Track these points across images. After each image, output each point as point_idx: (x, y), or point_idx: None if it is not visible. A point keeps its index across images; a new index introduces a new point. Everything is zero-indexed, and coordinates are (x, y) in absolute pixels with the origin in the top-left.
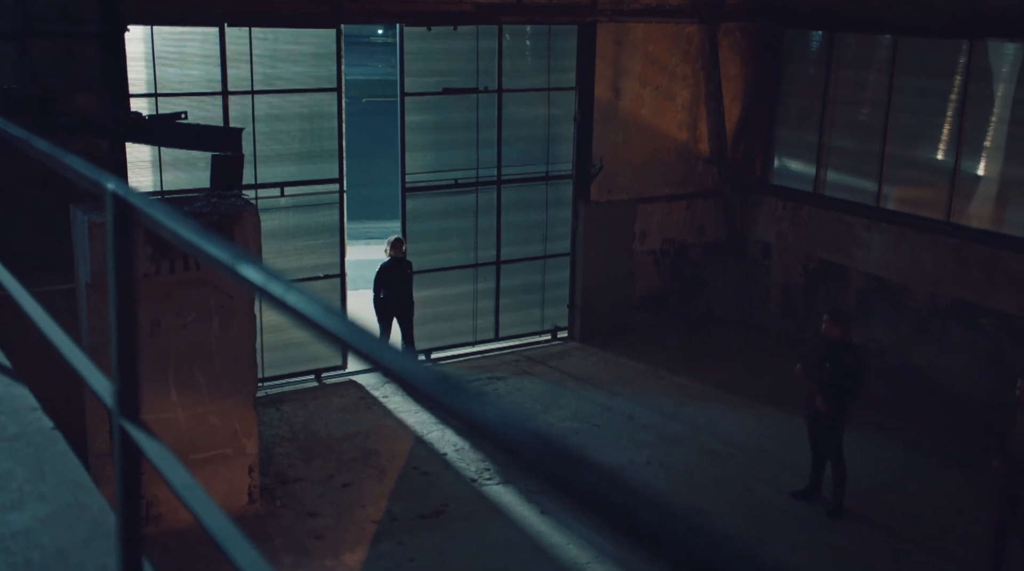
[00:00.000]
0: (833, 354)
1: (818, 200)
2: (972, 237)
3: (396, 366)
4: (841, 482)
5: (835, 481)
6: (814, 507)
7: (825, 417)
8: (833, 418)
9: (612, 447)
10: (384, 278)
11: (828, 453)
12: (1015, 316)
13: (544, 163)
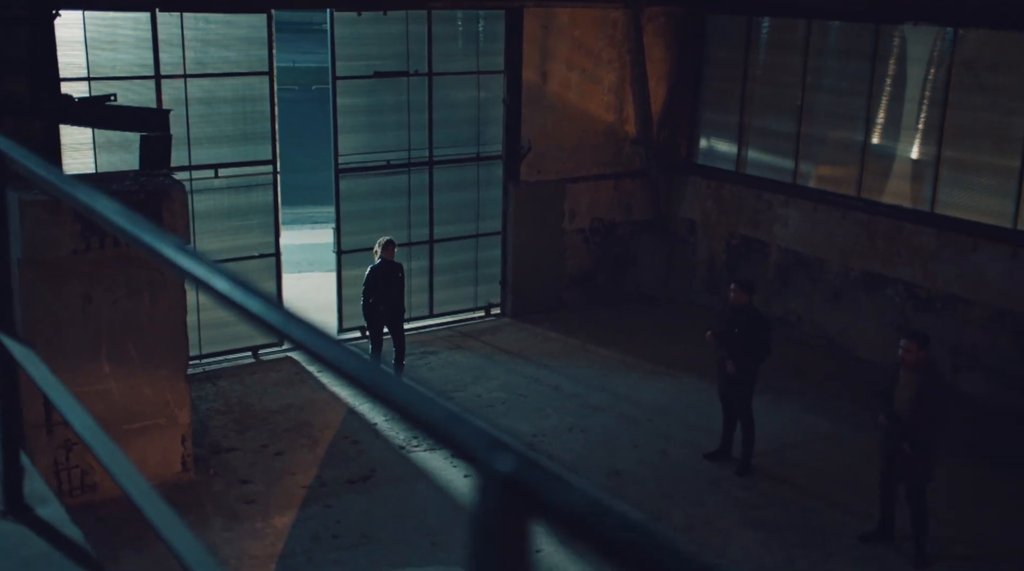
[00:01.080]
0: (740, 320)
1: (739, 178)
2: (880, 211)
3: (305, 339)
4: (750, 442)
5: (744, 441)
6: (724, 466)
7: (735, 380)
8: (742, 381)
9: (537, 415)
10: (375, 283)
11: (738, 414)
12: (918, 285)
13: (475, 144)
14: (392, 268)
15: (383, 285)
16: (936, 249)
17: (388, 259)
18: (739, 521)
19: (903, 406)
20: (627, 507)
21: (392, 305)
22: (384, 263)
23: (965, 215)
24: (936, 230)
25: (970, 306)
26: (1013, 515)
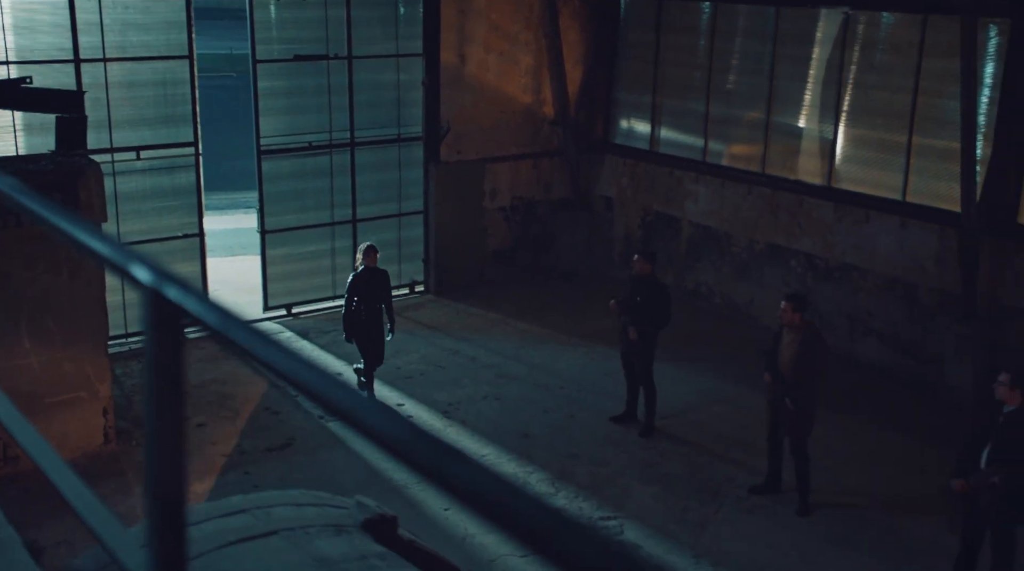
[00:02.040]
0: (642, 290)
1: (653, 157)
2: (782, 187)
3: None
4: (652, 405)
5: (647, 404)
6: (629, 428)
7: (637, 347)
8: (644, 347)
9: (453, 385)
10: (357, 291)
11: (641, 380)
12: (818, 256)
13: (395, 126)
14: (375, 275)
15: (364, 291)
16: (833, 221)
17: (371, 266)
18: (639, 478)
19: (785, 365)
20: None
21: (374, 312)
22: (366, 270)
23: (859, 189)
24: (833, 203)
25: (864, 275)
26: (894, 467)
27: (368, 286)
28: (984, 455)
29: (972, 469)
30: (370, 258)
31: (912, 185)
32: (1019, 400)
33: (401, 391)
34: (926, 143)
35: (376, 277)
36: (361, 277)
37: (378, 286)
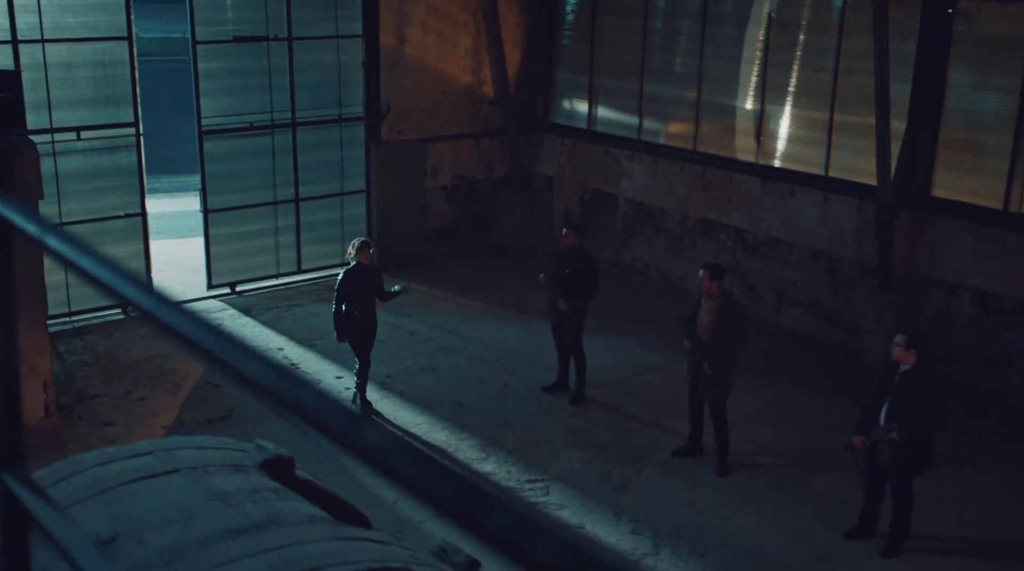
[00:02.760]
0: (571, 261)
1: (590, 136)
2: (713, 163)
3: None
4: (582, 373)
5: (577, 373)
6: (560, 397)
7: (566, 317)
8: (573, 318)
9: (392, 357)
10: (348, 288)
11: (571, 349)
12: (746, 231)
13: (336, 106)
14: (366, 272)
15: (357, 291)
16: (760, 197)
17: (363, 263)
18: (567, 443)
19: (704, 331)
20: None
21: (368, 311)
22: (358, 267)
23: (784, 164)
24: (760, 179)
25: (789, 248)
26: (810, 429)
27: (360, 284)
28: (883, 413)
29: (871, 426)
30: (363, 254)
31: (834, 161)
32: (914, 360)
33: (340, 365)
34: (846, 120)
35: (367, 274)
36: (352, 274)
37: (370, 284)
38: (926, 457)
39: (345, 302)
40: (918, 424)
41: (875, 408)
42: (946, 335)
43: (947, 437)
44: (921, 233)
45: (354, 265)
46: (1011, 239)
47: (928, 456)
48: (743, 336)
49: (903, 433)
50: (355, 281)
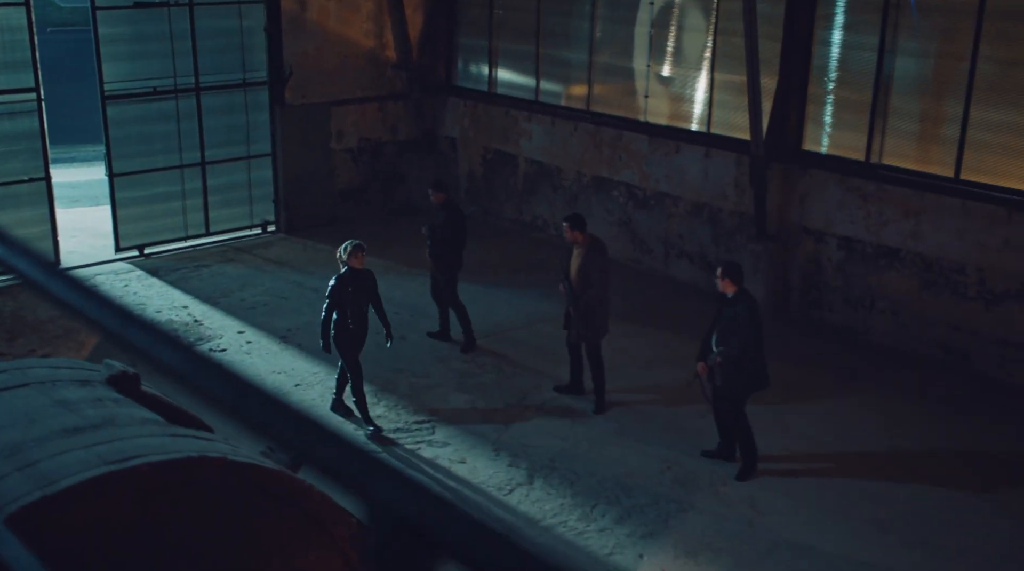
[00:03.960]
0: (441, 216)
1: (491, 98)
2: (604, 122)
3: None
4: (465, 321)
5: (460, 322)
6: (453, 345)
7: (441, 269)
8: (446, 268)
9: (294, 313)
10: (341, 296)
11: (447, 300)
12: (636, 186)
13: (240, 71)
14: (359, 277)
15: (350, 297)
16: (648, 153)
17: (356, 267)
18: (455, 387)
19: (574, 276)
20: None
21: (362, 319)
22: (351, 272)
23: (670, 122)
24: (648, 137)
25: (675, 201)
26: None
27: (354, 290)
28: (713, 340)
29: (708, 353)
30: (356, 259)
31: (715, 118)
32: (733, 289)
33: (243, 320)
34: (724, 78)
35: (361, 279)
36: (345, 280)
37: (364, 289)
38: (751, 378)
39: (337, 310)
40: (734, 346)
41: (708, 336)
42: (816, 280)
43: (808, 368)
44: (793, 185)
45: (346, 271)
46: (871, 189)
47: (754, 377)
48: (603, 280)
49: (724, 355)
50: (348, 288)
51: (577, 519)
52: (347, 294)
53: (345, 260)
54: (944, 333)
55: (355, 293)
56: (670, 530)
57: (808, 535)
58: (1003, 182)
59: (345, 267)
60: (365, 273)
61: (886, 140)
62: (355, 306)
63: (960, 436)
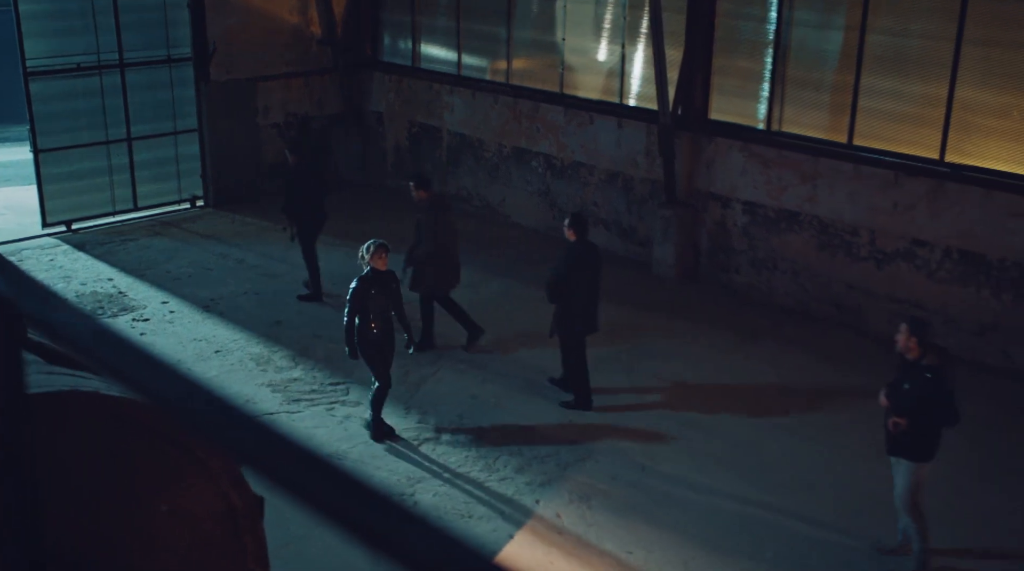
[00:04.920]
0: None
1: (415, 72)
2: (522, 95)
3: None
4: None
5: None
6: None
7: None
8: (300, 231)
9: (218, 284)
10: (363, 299)
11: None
12: (554, 156)
13: (164, 47)
14: (385, 279)
15: (373, 301)
16: (564, 124)
17: (379, 269)
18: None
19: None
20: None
21: (386, 323)
22: (374, 273)
23: (584, 94)
24: (564, 108)
25: (591, 171)
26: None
27: (377, 293)
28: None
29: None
30: (379, 259)
31: (626, 89)
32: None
33: (167, 291)
34: (635, 51)
35: (385, 281)
36: (367, 282)
37: (387, 292)
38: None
39: (359, 314)
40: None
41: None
42: (723, 244)
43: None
44: (699, 152)
45: (368, 272)
46: (772, 155)
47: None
48: (429, 239)
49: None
50: (371, 290)
51: (480, 470)
52: (370, 297)
53: (368, 261)
54: (840, 292)
55: (378, 296)
56: (567, 477)
57: (697, 479)
58: (891, 147)
59: (367, 268)
60: (388, 274)
61: (785, 108)
62: (379, 310)
63: (847, 388)
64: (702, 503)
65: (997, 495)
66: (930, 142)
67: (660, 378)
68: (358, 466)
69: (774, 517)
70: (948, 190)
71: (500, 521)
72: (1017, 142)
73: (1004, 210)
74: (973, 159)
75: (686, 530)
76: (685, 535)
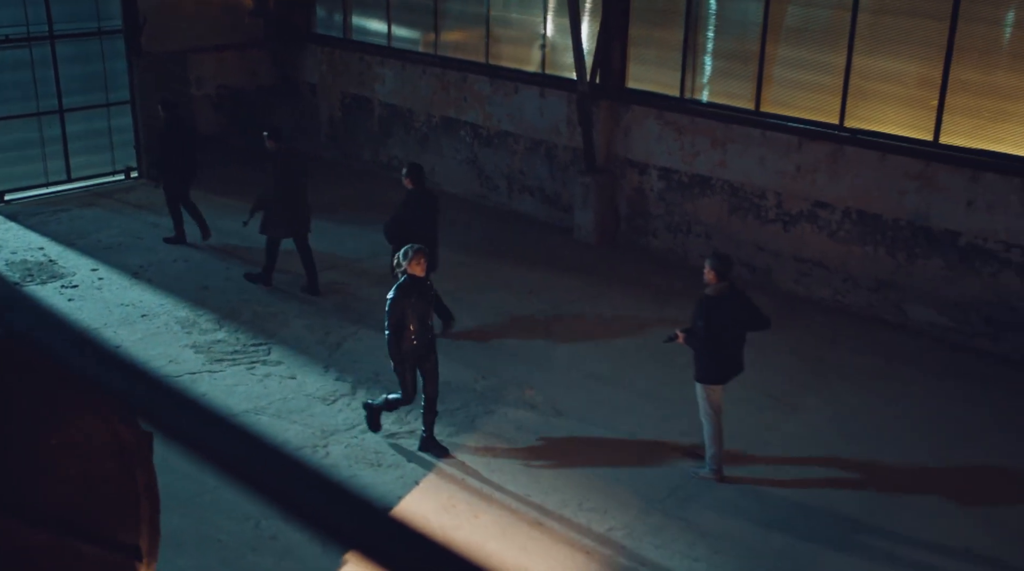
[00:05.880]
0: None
1: (347, 44)
2: (451, 65)
3: None
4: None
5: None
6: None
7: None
8: (164, 185)
9: (149, 252)
10: (404, 308)
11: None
12: (481, 126)
13: (95, 19)
14: (423, 287)
15: (412, 310)
16: (490, 94)
17: (418, 276)
18: (296, 314)
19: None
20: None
21: (426, 333)
22: (411, 280)
23: (509, 64)
24: (490, 79)
25: (517, 139)
26: (513, 294)
27: (415, 301)
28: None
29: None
30: (418, 266)
31: (549, 59)
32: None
33: (97, 259)
34: (557, 21)
35: (423, 289)
36: (406, 291)
37: (426, 300)
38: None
39: (400, 325)
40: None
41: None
42: (641, 209)
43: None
44: (617, 120)
45: (405, 279)
46: (685, 122)
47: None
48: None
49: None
50: (411, 298)
51: (391, 423)
52: (410, 306)
53: (404, 268)
54: (750, 253)
55: (417, 304)
56: (475, 428)
57: (600, 428)
58: (795, 113)
59: (404, 276)
60: (425, 282)
61: (697, 77)
62: (418, 320)
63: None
64: (603, 451)
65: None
66: (830, 108)
67: (572, 335)
68: (275, 420)
69: (667, 454)
70: (847, 154)
71: (408, 469)
72: (909, 107)
73: (898, 172)
74: (869, 124)
75: (584, 475)
76: (583, 479)
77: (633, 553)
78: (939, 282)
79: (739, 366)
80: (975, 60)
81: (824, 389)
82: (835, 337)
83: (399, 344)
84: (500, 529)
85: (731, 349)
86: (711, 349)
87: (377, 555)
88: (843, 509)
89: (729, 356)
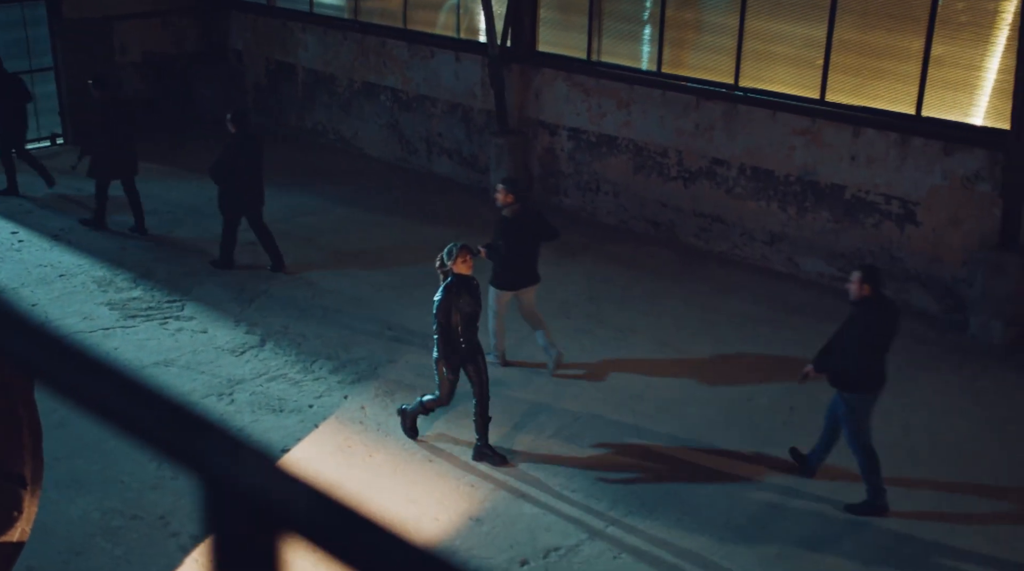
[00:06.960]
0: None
1: (270, 11)
2: (370, 31)
3: None
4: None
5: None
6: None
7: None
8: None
9: (71, 215)
10: (450, 310)
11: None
12: (400, 90)
13: None
14: (469, 285)
15: (459, 311)
16: (408, 59)
17: (464, 274)
18: (210, 274)
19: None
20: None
21: (474, 341)
22: (458, 280)
23: (425, 29)
24: (407, 43)
25: (434, 103)
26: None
27: (464, 302)
28: None
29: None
30: (464, 264)
31: (463, 23)
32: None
33: (18, 222)
34: None
35: (470, 288)
36: (453, 291)
37: (473, 299)
38: None
39: (448, 327)
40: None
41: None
42: (553, 168)
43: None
44: (528, 83)
45: (452, 280)
46: (592, 84)
47: None
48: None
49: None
50: (459, 299)
51: (297, 372)
52: (458, 306)
53: (449, 267)
54: (654, 210)
55: (465, 305)
56: (376, 376)
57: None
58: (694, 74)
59: (450, 277)
60: (471, 280)
61: (603, 40)
62: (467, 320)
63: (650, 292)
64: (499, 395)
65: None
66: (726, 68)
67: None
68: (184, 371)
69: (557, 403)
70: (740, 112)
71: (308, 413)
72: (797, 67)
73: (787, 129)
74: (761, 83)
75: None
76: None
77: (518, 482)
78: (827, 234)
79: (534, 276)
80: (855, 21)
81: (711, 335)
82: (730, 288)
83: (446, 346)
84: (392, 467)
85: (526, 261)
86: (507, 262)
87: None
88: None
89: (524, 266)
